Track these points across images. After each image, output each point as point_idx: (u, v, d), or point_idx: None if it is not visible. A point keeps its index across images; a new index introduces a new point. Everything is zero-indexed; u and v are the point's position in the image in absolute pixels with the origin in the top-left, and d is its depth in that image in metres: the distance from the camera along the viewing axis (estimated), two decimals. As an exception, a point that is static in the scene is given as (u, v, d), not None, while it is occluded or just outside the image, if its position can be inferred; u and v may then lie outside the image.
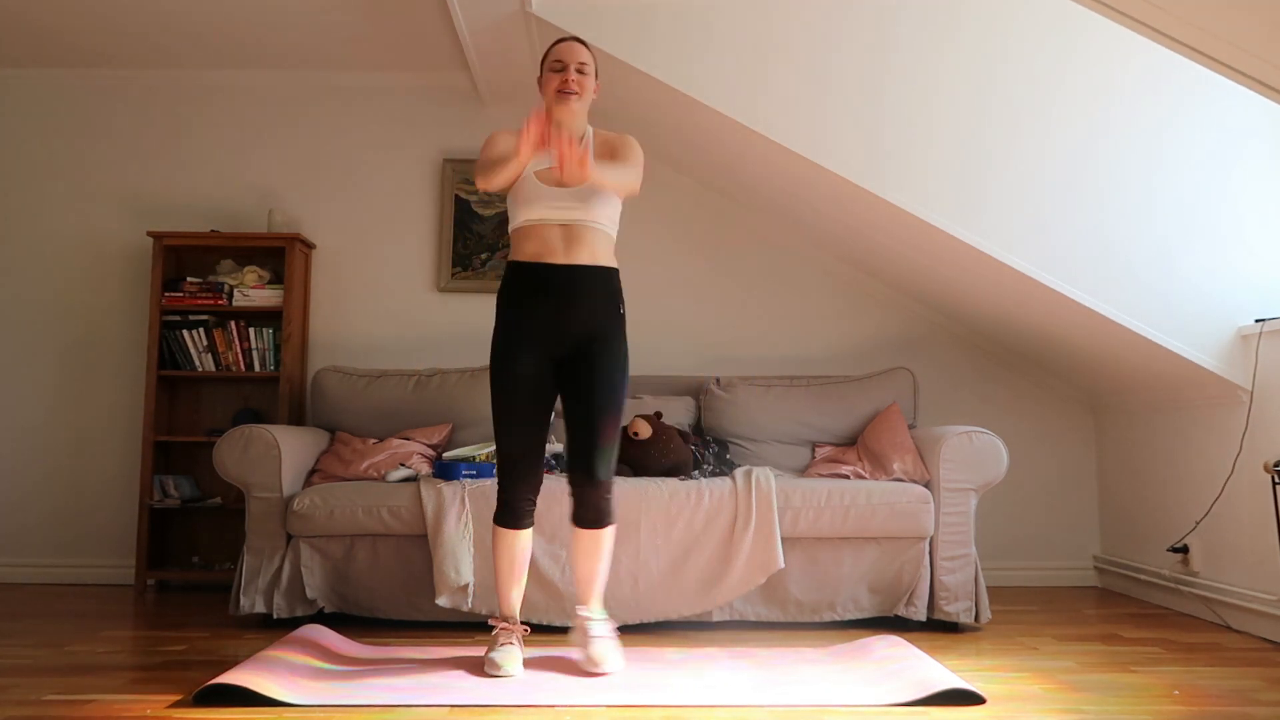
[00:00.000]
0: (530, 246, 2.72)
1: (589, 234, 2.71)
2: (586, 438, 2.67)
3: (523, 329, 2.71)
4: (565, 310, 2.69)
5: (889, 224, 3.73)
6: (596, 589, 2.79)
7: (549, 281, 2.69)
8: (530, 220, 2.71)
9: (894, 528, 3.36)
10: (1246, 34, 2.34)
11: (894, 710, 2.35)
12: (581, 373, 2.70)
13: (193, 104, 4.57)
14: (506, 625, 2.76)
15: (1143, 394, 3.97)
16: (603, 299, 2.73)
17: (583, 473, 2.68)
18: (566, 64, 2.74)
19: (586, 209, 2.70)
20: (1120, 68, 3.50)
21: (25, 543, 4.34)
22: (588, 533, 2.73)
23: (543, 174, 2.72)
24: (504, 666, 2.62)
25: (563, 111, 2.75)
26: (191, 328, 4.23)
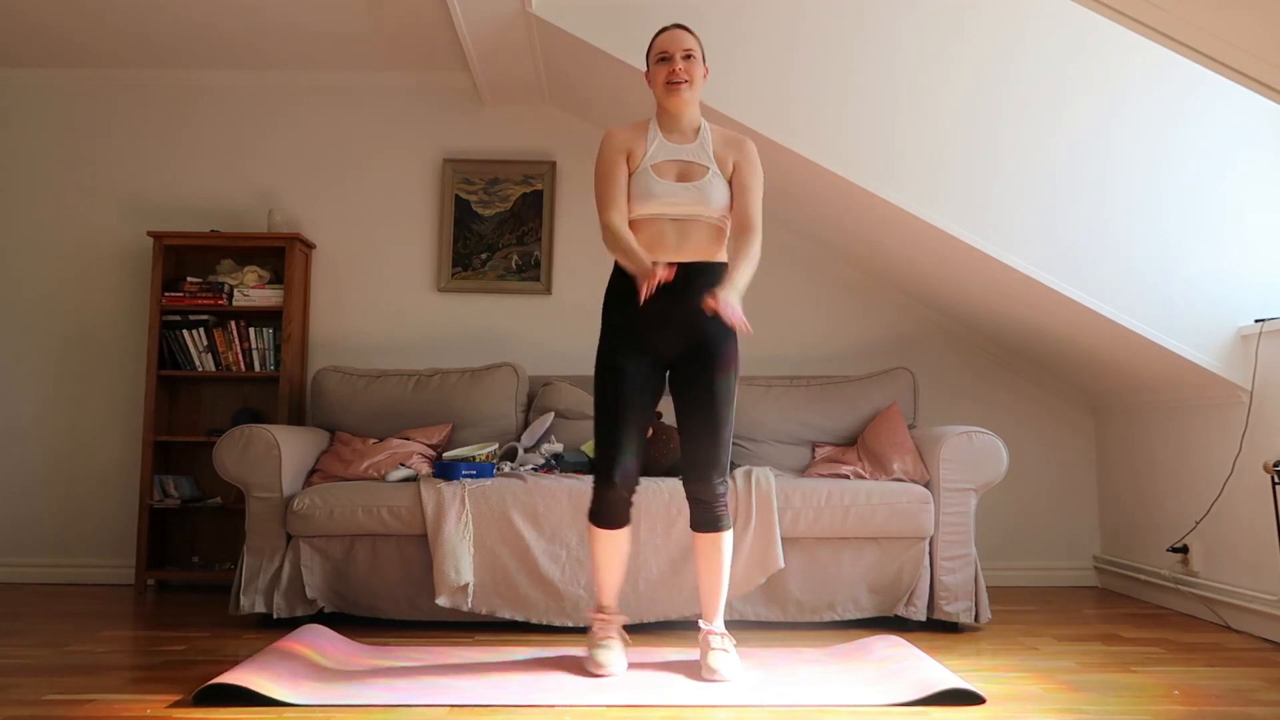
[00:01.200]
0: (640, 241, 2.66)
1: (702, 229, 2.68)
2: (702, 445, 2.64)
3: (628, 328, 2.67)
4: (675, 309, 2.63)
5: (889, 224, 3.73)
6: (718, 602, 2.73)
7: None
8: (644, 215, 2.67)
9: (894, 528, 3.36)
10: (1246, 34, 2.35)
11: (894, 710, 2.35)
12: (692, 377, 2.66)
13: (193, 104, 4.57)
14: (603, 617, 2.76)
15: (1143, 394, 3.97)
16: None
17: (700, 479, 2.66)
18: (672, 53, 2.68)
19: (703, 203, 2.66)
20: (1121, 68, 3.50)
21: (25, 542, 4.34)
22: (706, 536, 2.70)
23: (659, 166, 2.68)
24: (605, 665, 2.62)
25: (674, 102, 2.69)
26: (191, 328, 4.23)
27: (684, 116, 2.73)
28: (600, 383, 2.69)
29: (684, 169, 2.70)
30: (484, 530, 3.28)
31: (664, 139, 2.72)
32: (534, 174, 4.51)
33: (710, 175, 2.69)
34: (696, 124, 2.75)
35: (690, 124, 2.74)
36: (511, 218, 4.51)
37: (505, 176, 4.51)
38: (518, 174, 4.51)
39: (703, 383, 2.65)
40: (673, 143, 2.72)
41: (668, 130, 2.74)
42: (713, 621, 2.74)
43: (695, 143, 2.73)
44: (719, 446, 2.66)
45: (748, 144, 2.77)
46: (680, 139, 2.73)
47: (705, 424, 2.65)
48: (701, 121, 2.77)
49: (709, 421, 2.64)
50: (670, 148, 2.71)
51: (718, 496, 2.69)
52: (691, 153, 2.71)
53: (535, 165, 4.51)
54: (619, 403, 2.65)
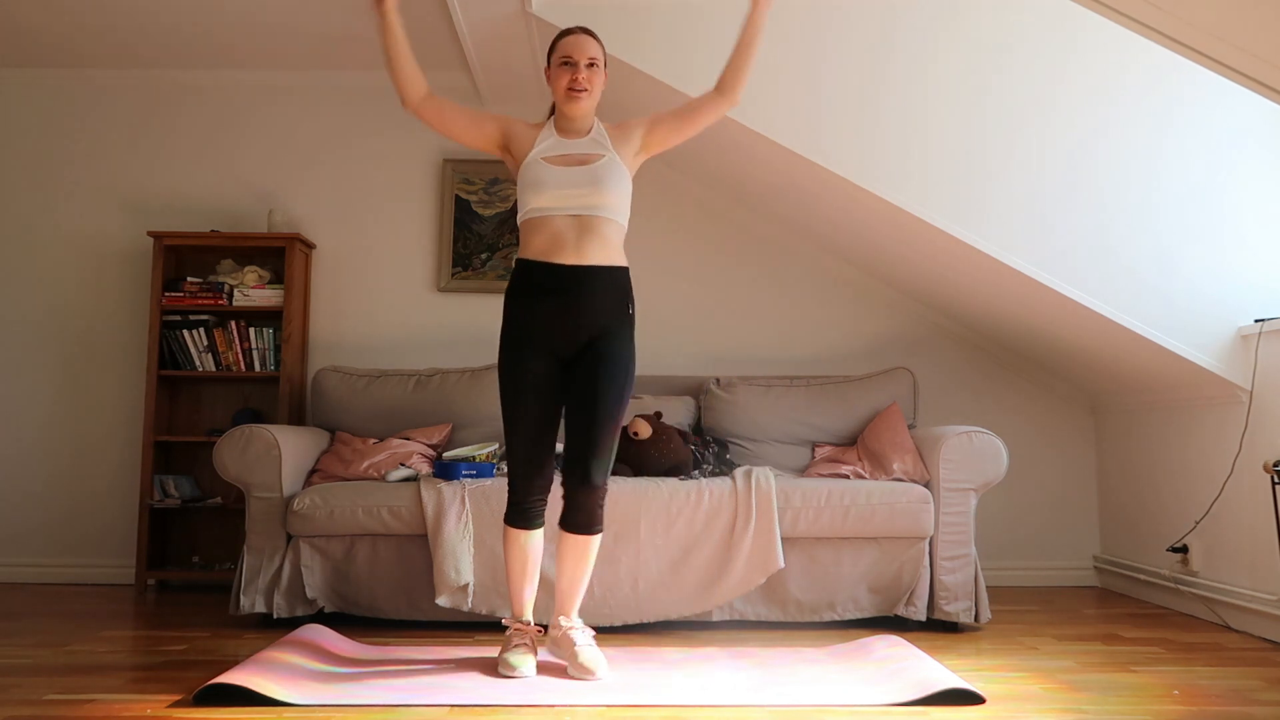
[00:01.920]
0: (539, 241, 2.67)
1: (602, 226, 2.66)
2: (585, 441, 2.63)
3: (530, 329, 2.68)
4: (574, 310, 2.64)
5: (889, 224, 3.73)
6: (578, 598, 2.76)
7: (558, 281, 2.64)
8: (540, 210, 2.66)
9: (894, 528, 3.37)
10: (1246, 34, 2.35)
11: (894, 710, 2.35)
12: (585, 374, 2.66)
13: (193, 104, 4.57)
14: (520, 626, 2.75)
15: (1143, 394, 3.97)
16: (613, 299, 2.68)
17: (578, 476, 2.64)
18: (576, 60, 2.69)
19: (600, 193, 2.64)
20: (1121, 68, 3.50)
21: (26, 542, 4.34)
22: (576, 538, 2.69)
23: (551, 158, 2.68)
24: (518, 668, 2.61)
25: (573, 109, 2.71)
26: (192, 328, 4.23)
27: (578, 119, 2.75)
28: (504, 382, 2.70)
29: (577, 158, 2.69)
30: (484, 530, 3.28)
31: (558, 137, 2.73)
32: (534, 174, 4.50)
33: (606, 160, 2.68)
34: (591, 124, 2.77)
35: (585, 125, 2.76)
36: (512, 217, 4.51)
37: (505, 176, 4.51)
38: (518, 174, 4.51)
39: (598, 383, 2.64)
40: (567, 139, 2.72)
41: (563, 130, 2.74)
42: (572, 615, 2.74)
43: (588, 137, 2.74)
44: (607, 448, 2.65)
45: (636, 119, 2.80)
46: (574, 136, 2.74)
47: (596, 423, 2.63)
48: (595, 121, 2.77)
49: (598, 420, 2.63)
50: (565, 143, 2.71)
51: (598, 498, 2.67)
52: (584, 146, 2.71)
53: (535, 165, 4.50)
54: (523, 406, 2.66)
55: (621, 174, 2.70)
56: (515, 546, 2.73)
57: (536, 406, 2.67)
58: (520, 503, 2.71)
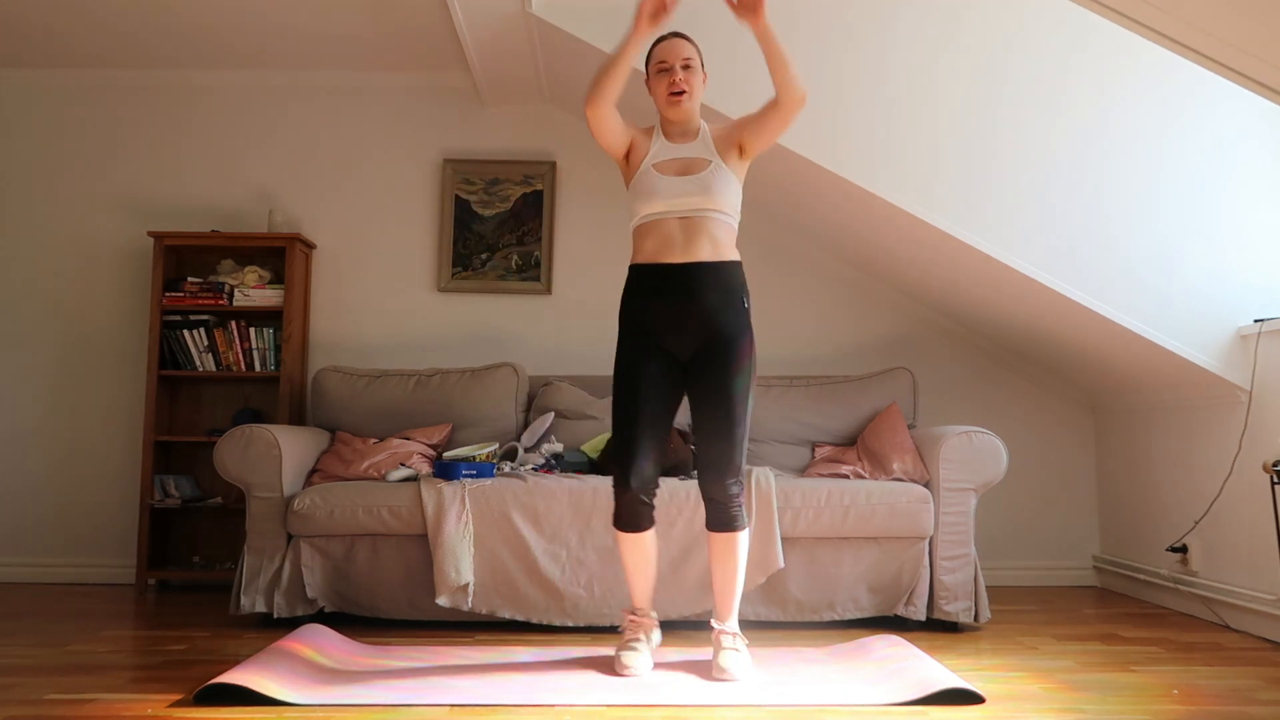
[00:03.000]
0: (649, 245, 2.68)
1: (710, 225, 2.67)
2: (717, 446, 2.64)
3: (642, 331, 2.68)
4: (683, 309, 2.64)
5: (889, 224, 3.73)
6: (731, 601, 2.74)
7: (668, 281, 2.64)
8: (650, 215, 2.68)
9: (894, 527, 3.37)
10: (1246, 35, 2.35)
11: (894, 710, 2.35)
12: (705, 376, 2.66)
13: (193, 104, 4.57)
14: (635, 619, 2.77)
15: (1142, 394, 3.98)
16: (724, 295, 2.67)
17: (714, 480, 2.66)
18: (671, 64, 2.70)
19: (708, 196, 2.66)
20: (1121, 69, 3.50)
21: (26, 542, 4.35)
22: (720, 536, 2.71)
23: (661, 165, 2.70)
24: (631, 667, 2.63)
25: (676, 112, 2.72)
26: (192, 327, 4.23)
27: (684, 122, 2.77)
28: (617, 385, 2.70)
29: (685, 164, 2.71)
30: (484, 530, 3.29)
31: (665, 141, 2.76)
32: (534, 174, 4.51)
33: (713, 167, 2.70)
34: (697, 126, 2.78)
35: (691, 127, 2.78)
36: (511, 218, 4.51)
37: (505, 176, 4.51)
38: (518, 174, 4.51)
39: (716, 382, 2.65)
40: (675, 143, 2.75)
41: (669, 135, 2.77)
42: (725, 621, 2.75)
43: (696, 141, 2.76)
44: (733, 446, 2.66)
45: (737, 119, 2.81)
46: (682, 139, 2.76)
47: (718, 423, 2.65)
48: (701, 123, 2.79)
49: (722, 421, 2.65)
50: (671, 148, 2.75)
51: (732, 496, 2.69)
52: (693, 150, 2.74)
53: (535, 165, 4.51)
54: (635, 405, 2.66)
55: (728, 179, 2.71)
56: (629, 549, 2.74)
57: (646, 409, 2.66)
58: (628, 505, 2.69)
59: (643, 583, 2.79)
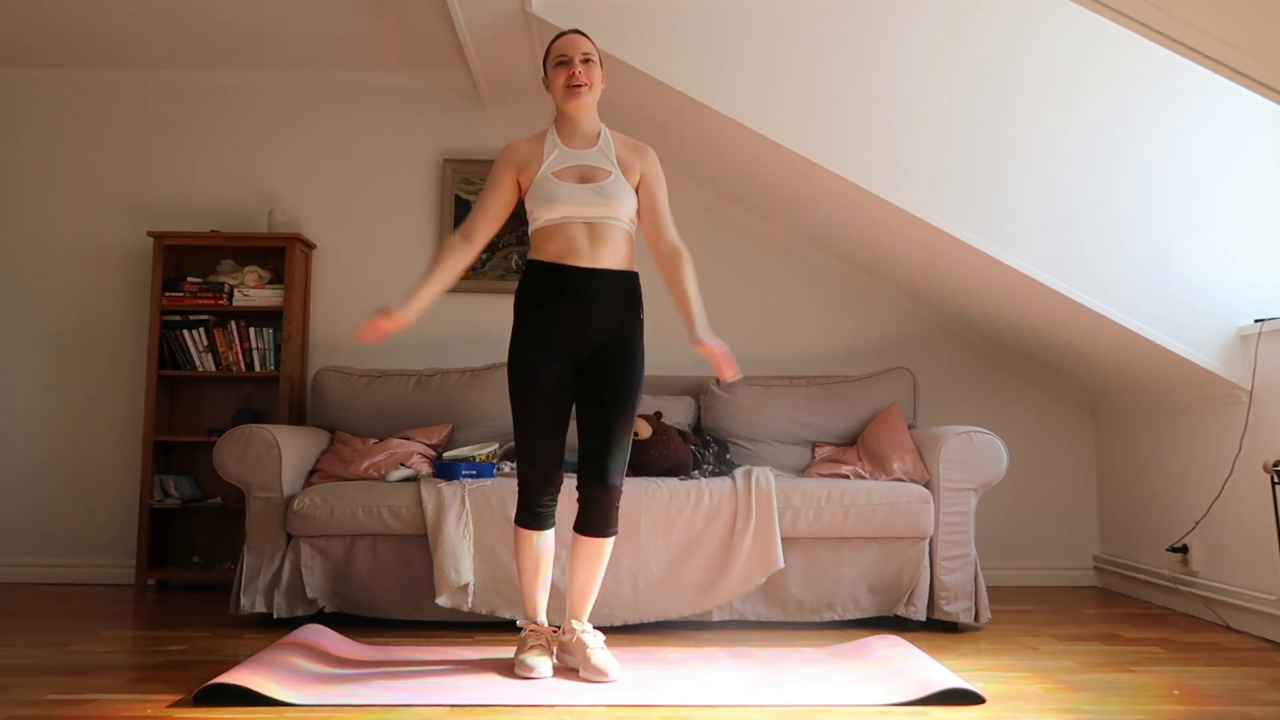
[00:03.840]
0: (553, 246, 2.66)
1: (614, 233, 2.66)
2: (599, 442, 2.63)
3: (543, 331, 2.67)
4: (586, 314, 2.64)
5: (890, 224, 3.73)
6: (590, 602, 2.75)
7: (571, 285, 2.64)
8: (552, 220, 2.66)
9: (894, 527, 3.37)
10: (1247, 35, 2.35)
11: (894, 710, 2.35)
12: (597, 376, 2.66)
13: (193, 104, 4.57)
14: (535, 628, 2.75)
15: (1143, 394, 3.97)
16: (624, 304, 2.68)
17: (593, 477, 2.64)
18: (571, 57, 2.67)
19: (610, 205, 2.65)
20: (1122, 70, 3.50)
21: (25, 542, 4.34)
22: (591, 540, 2.68)
23: (560, 173, 2.68)
24: (535, 668, 2.61)
25: (574, 106, 2.69)
26: (192, 327, 4.23)
27: (583, 121, 2.72)
28: (515, 384, 2.68)
29: (585, 173, 2.68)
30: (484, 530, 3.28)
31: (564, 146, 2.71)
32: (534, 174, 4.50)
33: (613, 178, 2.68)
34: (597, 130, 2.74)
35: (590, 129, 2.73)
36: (511, 218, 4.48)
37: (505, 176, 4.50)
38: (518, 174, 4.50)
39: (612, 384, 2.64)
40: (573, 149, 2.71)
41: (567, 137, 2.73)
42: (584, 620, 2.74)
43: (596, 148, 2.72)
44: (621, 448, 2.65)
45: (649, 151, 2.77)
46: (581, 144, 2.72)
47: (609, 424, 2.63)
48: (602, 127, 2.76)
49: (614, 422, 2.63)
50: (570, 154, 2.70)
51: (613, 499, 2.66)
52: (592, 158, 2.70)
53: (535, 165, 4.50)
54: (538, 407, 2.65)
55: (626, 190, 2.69)
56: (527, 547, 2.72)
57: (549, 406, 2.66)
58: (532, 504, 2.70)
59: (542, 590, 2.76)
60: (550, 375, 2.66)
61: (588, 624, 2.75)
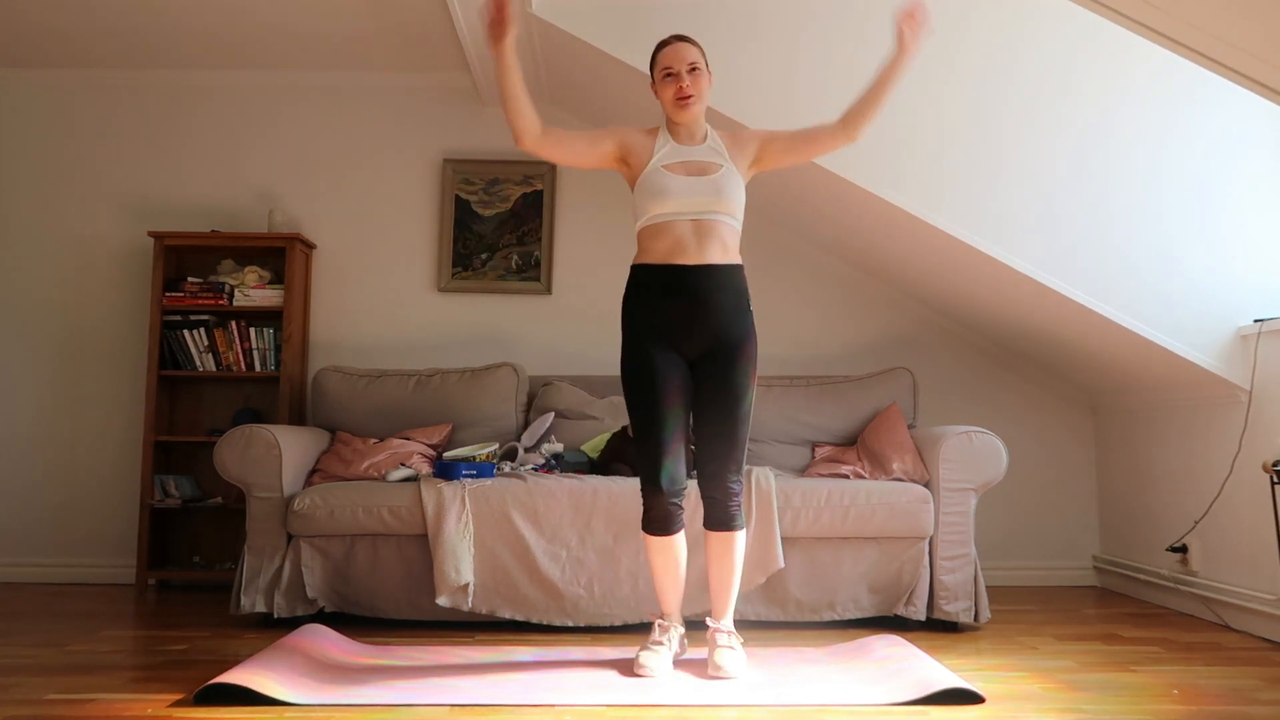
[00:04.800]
0: (662, 245, 2.67)
1: (720, 229, 2.67)
2: (719, 445, 2.65)
3: (655, 332, 2.68)
4: (696, 312, 2.65)
5: (890, 224, 3.73)
6: (728, 600, 2.76)
7: (683, 283, 2.64)
8: (661, 215, 2.67)
9: (894, 527, 3.37)
10: (1246, 36, 2.35)
11: (894, 710, 2.35)
12: (712, 376, 2.67)
13: (193, 104, 4.57)
14: (664, 623, 2.77)
15: (1142, 394, 3.98)
16: (733, 298, 2.69)
17: (715, 479, 2.67)
18: (677, 70, 2.69)
19: (720, 199, 2.66)
20: (1123, 69, 3.50)
21: (26, 542, 4.35)
22: (719, 535, 2.71)
23: (671, 166, 2.69)
24: (646, 667, 2.63)
25: (685, 116, 2.71)
26: (192, 327, 4.23)
27: (692, 124, 2.76)
28: (632, 388, 2.69)
29: (697, 166, 2.71)
30: (484, 530, 3.29)
31: (674, 143, 2.75)
32: (534, 174, 4.51)
33: (724, 170, 2.70)
34: (704, 129, 2.78)
35: (699, 130, 2.78)
36: (512, 218, 4.51)
37: (505, 177, 4.51)
38: (518, 174, 4.51)
39: (722, 381, 2.66)
40: (683, 145, 2.75)
41: (677, 137, 2.77)
42: (721, 620, 2.76)
43: (705, 144, 2.76)
44: (736, 445, 2.67)
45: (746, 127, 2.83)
46: (689, 141, 2.76)
47: (723, 422, 2.66)
48: (708, 127, 2.79)
49: (726, 420, 2.66)
50: (681, 149, 2.74)
51: (732, 495, 2.70)
52: (703, 153, 2.74)
53: (535, 165, 4.50)
54: (656, 406, 2.66)
55: (738, 183, 2.72)
56: (658, 553, 2.74)
57: (669, 409, 2.66)
58: (658, 507, 2.69)
59: (673, 590, 2.78)
60: (666, 376, 2.66)
61: (726, 623, 2.76)
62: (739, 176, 2.73)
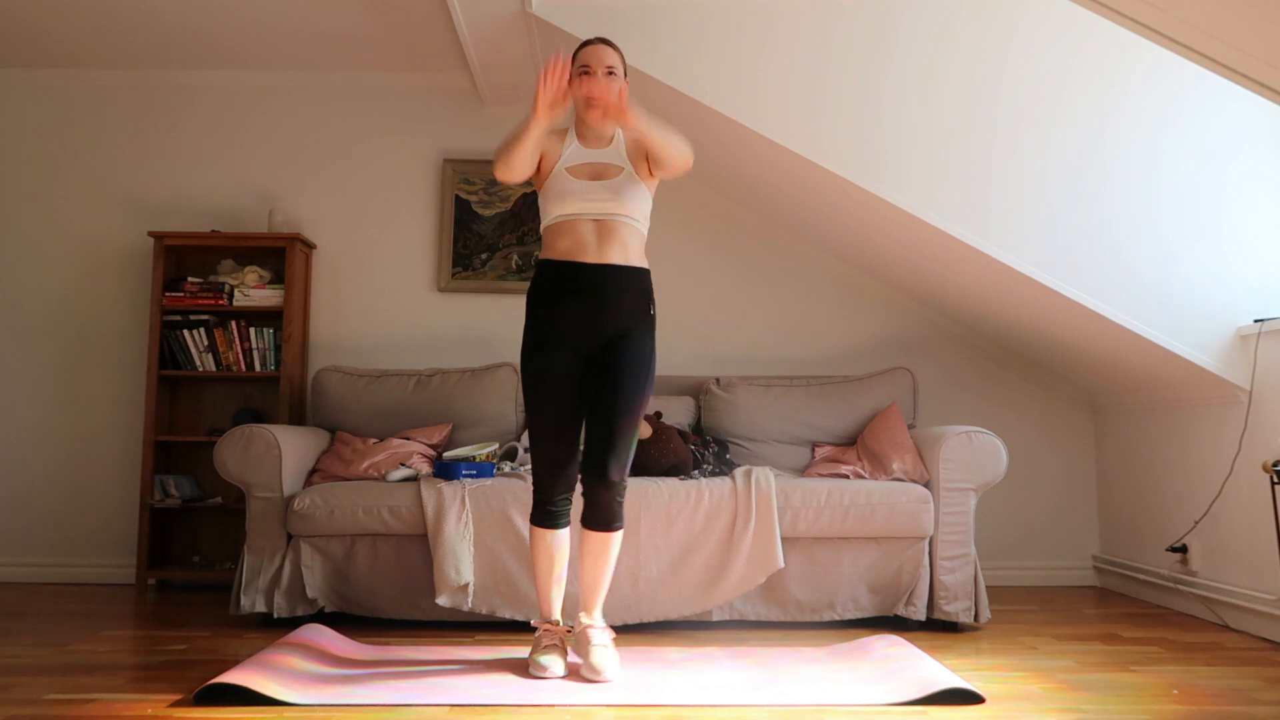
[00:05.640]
0: (563, 244, 2.70)
1: (622, 230, 2.70)
2: (602, 436, 2.65)
3: (554, 328, 2.70)
4: (597, 310, 2.67)
5: (889, 224, 3.73)
6: (600, 596, 2.77)
7: (581, 280, 2.67)
8: (563, 215, 2.70)
9: (894, 527, 3.37)
10: (1245, 35, 2.35)
11: (894, 710, 2.35)
12: (604, 371, 2.68)
13: (193, 104, 4.57)
14: (548, 627, 2.76)
15: (1142, 394, 3.98)
16: (633, 299, 2.71)
17: (596, 472, 2.66)
18: (594, 69, 2.70)
19: (620, 202, 2.69)
20: (1121, 68, 3.50)
21: (26, 542, 4.35)
22: (596, 535, 2.71)
23: (574, 169, 2.71)
24: (548, 667, 2.62)
25: (593, 116, 2.72)
26: (192, 327, 4.23)
27: (602, 128, 2.76)
28: (529, 382, 2.72)
29: (598, 169, 2.73)
30: (484, 530, 3.29)
31: (579, 145, 2.76)
32: (534, 174, 4.50)
33: (625, 175, 2.72)
34: (612, 132, 2.78)
35: (606, 132, 2.77)
36: (512, 218, 4.51)
37: (505, 176, 4.51)
38: (518, 174, 4.51)
39: (618, 378, 2.67)
40: (588, 148, 2.75)
41: (583, 137, 2.77)
42: (593, 614, 2.75)
43: (610, 147, 2.76)
44: (625, 443, 2.67)
45: None
46: (596, 144, 2.76)
47: (614, 418, 2.65)
48: (617, 129, 2.78)
49: (618, 416, 2.65)
50: (585, 152, 2.75)
51: (615, 494, 2.68)
52: (606, 155, 2.74)
53: (535, 165, 4.50)
54: (548, 406, 2.68)
55: (639, 188, 2.73)
56: (541, 546, 2.74)
57: (561, 405, 2.69)
58: (545, 502, 2.72)
59: (555, 589, 2.77)
60: (563, 372, 2.69)
61: (598, 619, 2.76)
62: (640, 182, 2.73)
